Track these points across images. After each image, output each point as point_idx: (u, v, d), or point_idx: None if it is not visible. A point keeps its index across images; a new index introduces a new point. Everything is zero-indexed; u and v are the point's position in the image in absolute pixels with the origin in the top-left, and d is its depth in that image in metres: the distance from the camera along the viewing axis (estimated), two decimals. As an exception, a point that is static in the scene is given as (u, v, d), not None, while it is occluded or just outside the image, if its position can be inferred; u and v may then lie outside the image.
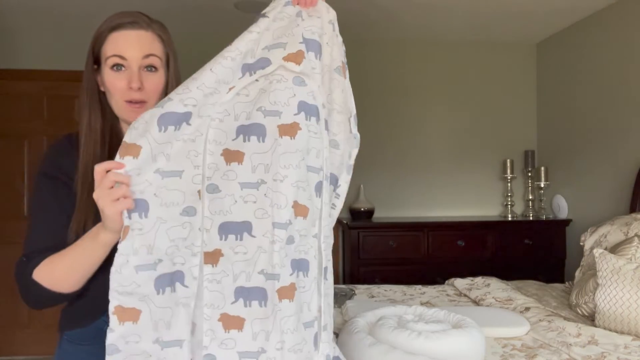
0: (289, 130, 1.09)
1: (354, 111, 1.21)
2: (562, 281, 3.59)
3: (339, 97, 1.19)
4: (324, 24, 1.15)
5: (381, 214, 4.02)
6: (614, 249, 2.26)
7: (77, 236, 1.11)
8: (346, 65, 1.21)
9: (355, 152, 1.21)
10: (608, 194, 3.31)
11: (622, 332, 1.92)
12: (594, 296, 2.06)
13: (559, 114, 3.88)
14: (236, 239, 1.04)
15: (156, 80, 1.19)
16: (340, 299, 2.38)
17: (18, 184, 3.78)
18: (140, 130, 1.03)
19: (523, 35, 3.98)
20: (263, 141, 1.08)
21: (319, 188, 1.12)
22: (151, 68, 1.18)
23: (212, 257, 1.03)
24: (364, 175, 4.04)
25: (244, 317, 1.02)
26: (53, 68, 3.74)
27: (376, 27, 3.77)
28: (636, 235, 2.26)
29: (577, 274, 2.56)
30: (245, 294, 1.03)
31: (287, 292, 1.05)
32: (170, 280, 1.02)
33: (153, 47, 1.18)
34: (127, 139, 1.03)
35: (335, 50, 1.19)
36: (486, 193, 4.17)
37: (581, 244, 2.67)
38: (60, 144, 1.25)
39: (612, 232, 2.48)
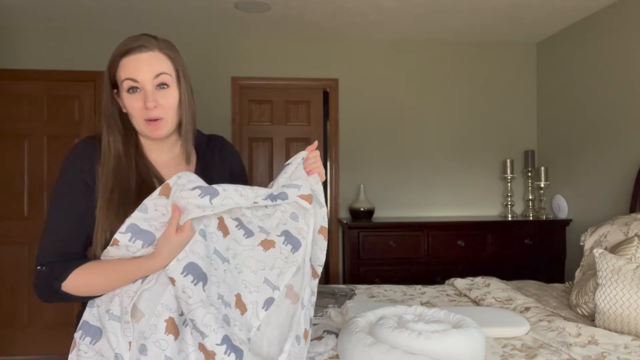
0: (266, 244, 1.29)
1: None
2: (562, 281, 3.59)
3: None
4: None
5: (381, 214, 4.03)
6: (614, 249, 2.26)
7: (103, 248, 1.19)
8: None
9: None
10: (608, 194, 3.31)
11: (622, 332, 1.92)
12: (594, 296, 2.06)
13: (559, 114, 3.88)
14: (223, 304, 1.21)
15: (169, 96, 1.28)
16: (340, 299, 2.38)
17: (18, 184, 3.78)
18: (176, 185, 1.23)
19: (523, 35, 3.99)
20: (248, 238, 1.28)
21: (268, 303, 1.25)
22: (163, 85, 1.27)
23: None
24: (364, 175, 4.04)
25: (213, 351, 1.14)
26: (53, 68, 3.74)
27: (376, 27, 3.77)
28: (636, 235, 2.25)
29: (577, 274, 2.56)
30: (231, 347, 1.14)
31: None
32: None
33: (162, 66, 1.27)
34: (168, 180, 1.22)
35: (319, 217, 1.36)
36: (486, 193, 4.17)
37: (581, 244, 2.67)
38: (83, 145, 1.30)
39: (612, 232, 2.47)
